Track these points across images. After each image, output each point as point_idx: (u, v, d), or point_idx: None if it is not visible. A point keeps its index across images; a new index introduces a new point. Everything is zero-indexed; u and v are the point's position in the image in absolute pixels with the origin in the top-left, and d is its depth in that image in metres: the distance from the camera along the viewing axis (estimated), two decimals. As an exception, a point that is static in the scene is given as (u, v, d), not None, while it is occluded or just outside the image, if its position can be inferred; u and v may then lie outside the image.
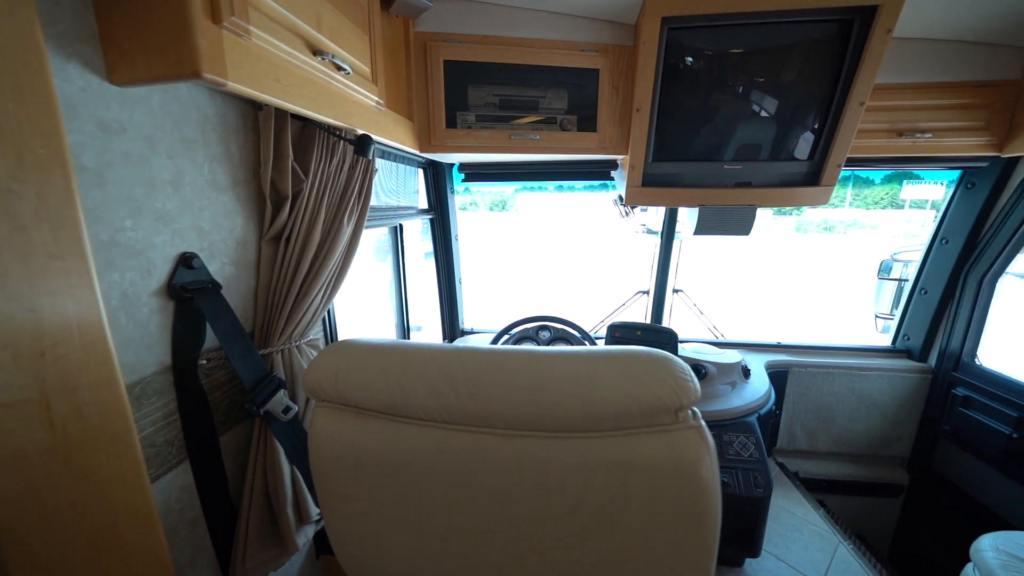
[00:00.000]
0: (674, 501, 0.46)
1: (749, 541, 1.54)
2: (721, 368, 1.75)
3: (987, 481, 1.78)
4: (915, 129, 1.59)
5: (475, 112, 1.53)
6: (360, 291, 1.98)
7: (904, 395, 2.07)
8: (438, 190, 2.17)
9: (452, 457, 0.50)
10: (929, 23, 1.48)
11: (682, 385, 0.48)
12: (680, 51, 1.43)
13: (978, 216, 1.83)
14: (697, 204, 1.62)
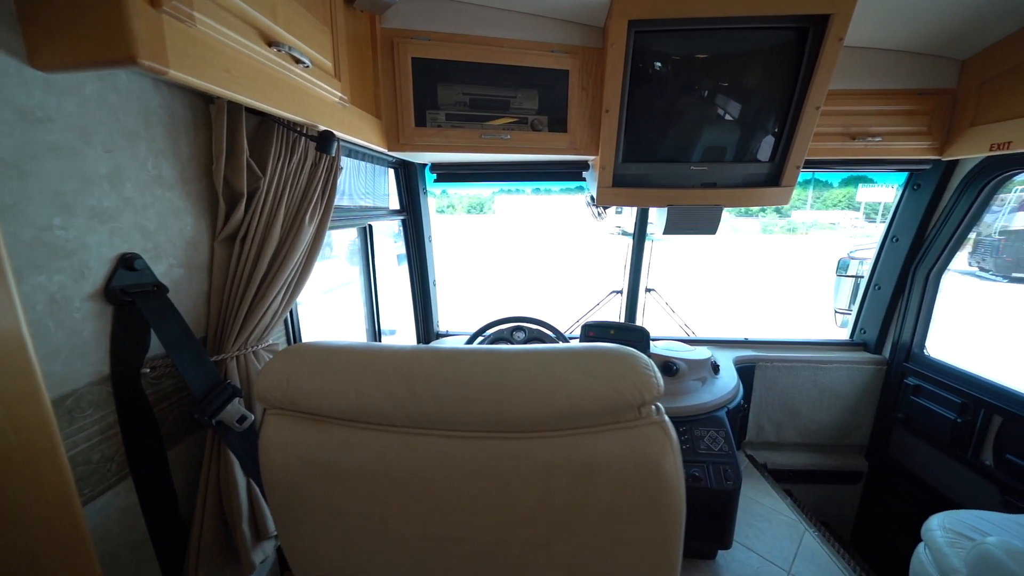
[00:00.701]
0: (638, 498, 0.46)
1: (721, 533, 1.57)
2: (691, 364, 1.79)
3: (937, 464, 1.89)
4: (866, 133, 1.68)
5: (445, 111, 1.51)
6: (337, 295, 1.92)
7: (862, 386, 2.18)
8: (410, 191, 2.13)
9: (412, 462, 0.48)
10: (876, 34, 1.56)
11: (644, 381, 0.47)
12: (647, 54, 1.46)
13: (923, 215, 1.94)
14: (665, 204, 1.65)
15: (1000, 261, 8.77)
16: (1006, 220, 8.70)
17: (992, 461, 1.67)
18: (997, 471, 1.65)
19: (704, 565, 1.63)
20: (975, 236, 9.61)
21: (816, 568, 1.62)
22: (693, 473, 1.53)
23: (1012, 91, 1.45)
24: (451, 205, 32.10)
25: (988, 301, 7.98)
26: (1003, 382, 1.69)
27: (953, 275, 2.03)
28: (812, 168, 1.82)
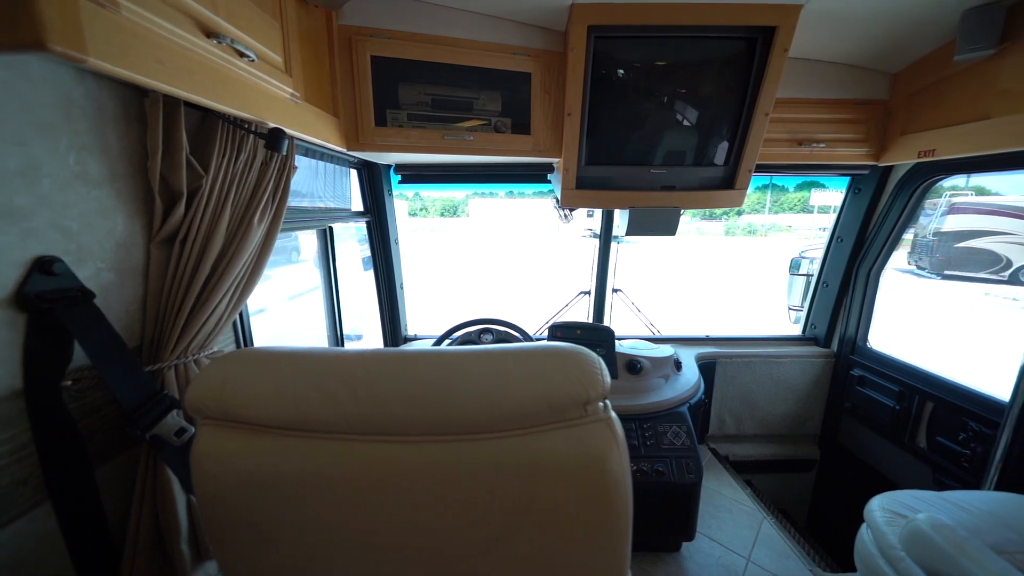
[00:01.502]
0: (583, 497, 0.46)
1: (684, 525, 1.62)
2: (655, 362, 1.84)
3: (879, 449, 2.03)
4: (812, 139, 1.78)
5: (407, 111, 1.49)
6: (304, 301, 1.84)
7: (813, 378, 2.30)
8: (374, 192, 2.09)
9: (355, 470, 0.46)
10: (818, 47, 1.66)
11: (590, 378, 0.48)
12: (608, 60, 1.49)
13: (864, 217, 2.08)
14: (627, 206, 1.69)
15: (934, 260, 9.53)
16: (938, 223, 9.47)
17: (926, 444, 1.81)
18: (930, 453, 1.78)
19: (669, 558, 1.67)
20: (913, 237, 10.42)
21: (773, 553, 1.69)
22: (657, 468, 1.56)
23: (934, 103, 1.58)
24: (424, 208, 31.76)
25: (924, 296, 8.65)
26: (934, 370, 1.83)
27: (895, 273, 2.19)
28: (763, 172, 1.91)
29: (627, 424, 1.67)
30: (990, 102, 1.40)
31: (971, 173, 1.71)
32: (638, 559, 1.65)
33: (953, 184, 10.05)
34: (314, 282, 1.88)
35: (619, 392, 1.75)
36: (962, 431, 1.66)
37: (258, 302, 5.13)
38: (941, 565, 0.98)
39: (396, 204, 2.18)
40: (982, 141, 1.41)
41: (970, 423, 1.63)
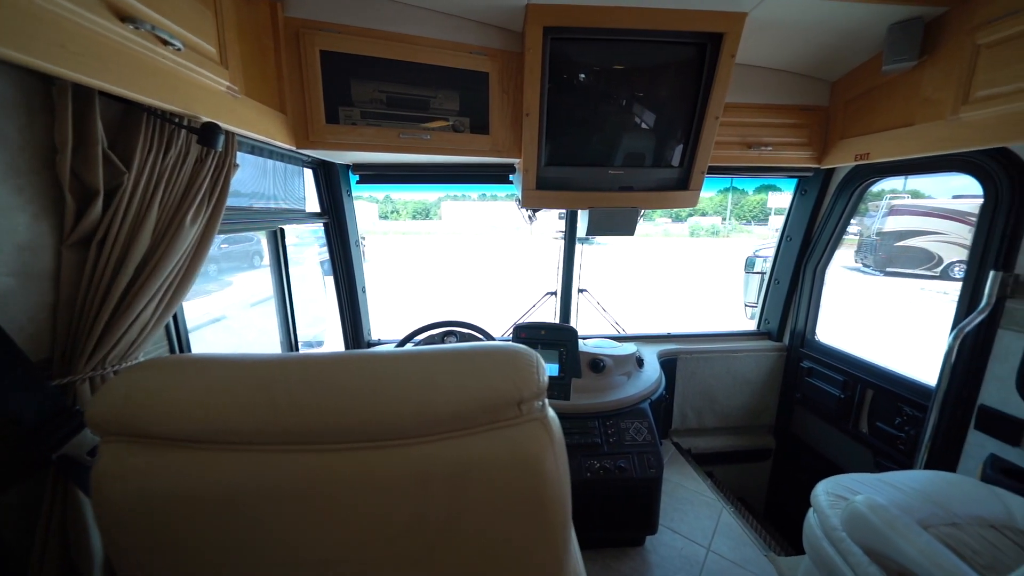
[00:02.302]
0: (517, 499, 0.45)
1: (647, 519, 1.65)
2: (617, 360, 1.87)
3: (827, 436, 2.14)
4: (760, 143, 1.87)
5: (360, 108, 1.44)
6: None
7: (768, 371, 2.41)
8: (331, 192, 2.01)
9: (276, 484, 0.43)
10: (764, 54, 1.74)
11: (524, 376, 0.47)
12: (565, 62, 1.51)
13: (810, 217, 2.20)
14: (587, 206, 1.71)
15: (878, 258, 10.25)
16: (880, 223, 10.19)
17: (867, 429, 1.92)
18: (871, 437, 1.90)
19: (633, 552, 1.69)
20: (859, 237, 11.17)
21: (732, 542, 1.75)
22: (620, 465, 1.59)
23: (868, 110, 1.69)
24: (395, 211, 31.19)
25: (869, 292, 9.27)
26: (874, 360, 1.95)
27: (844, 271, 2.31)
28: (716, 174, 1.98)
29: (590, 422, 1.68)
30: (914, 109, 1.51)
31: (900, 175, 1.84)
32: (603, 555, 1.67)
33: (893, 188, 10.86)
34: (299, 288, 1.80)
35: (583, 391, 1.77)
36: (898, 416, 1.77)
37: (217, 310, 4.86)
38: (876, 542, 1.04)
39: (365, 207, 2.13)
40: (908, 145, 1.52)
41: (904, 408, 1.75)
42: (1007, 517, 1.17)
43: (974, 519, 1.17)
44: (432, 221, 29.66)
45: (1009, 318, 1.42)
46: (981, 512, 1.18)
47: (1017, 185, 1.39)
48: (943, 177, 1.76)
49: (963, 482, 1.31)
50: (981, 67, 1.29)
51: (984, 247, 1.48)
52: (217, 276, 6.25)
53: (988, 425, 1.47)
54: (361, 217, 2.32)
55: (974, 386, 1.51)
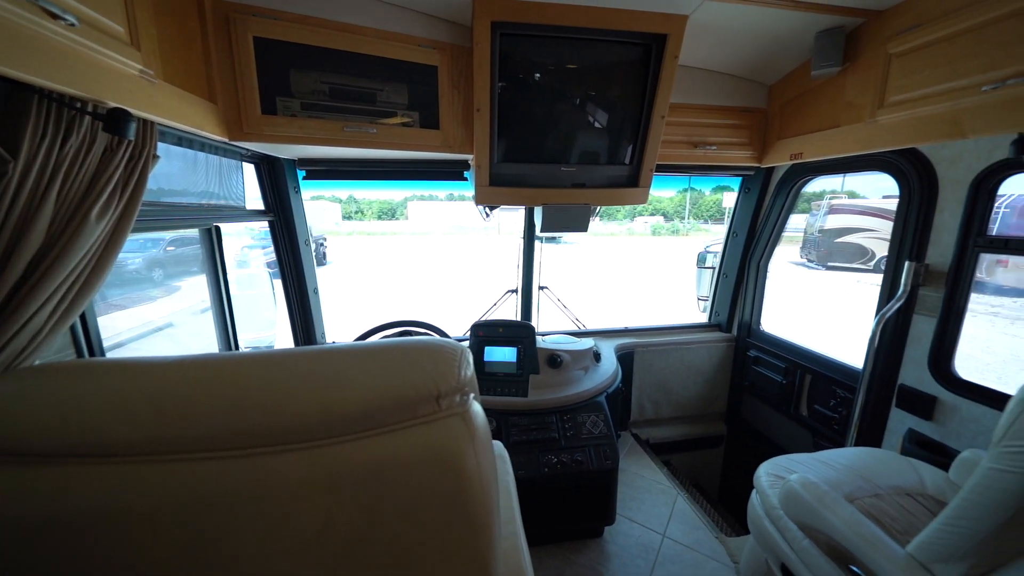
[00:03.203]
0: (436, 497, 0.44)
1: (604, 510, 1.68)
2: (575, 355, 1.89)
3: (772, 421, 2.27)
4: (706, 142, 1.94)
5: (300, 99, 1.38)
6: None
7: (719, 361, 2.52)
8: (277, 189, 1.91)
9: (161, 496, 0.39)
10: (707, 57, 1.82)
11: (442, 371, 0.45)
12: (517, 60, 1.51)
13: (753, 213, 2.32)
14: (540, 203, 1.72)
15: (820, 254, 11.03)
16: (822, 221, 10.97)
17: (807, 412, 2.05)
18: (810, 420, 2.03)
19: (592, 543, 1.72)
20: (803, 235, 11.96)
21: (686, 526, 1.82)
22: (576, 458, 1.60)
23: (800, 113, 1.80)
24: (360, 211, 30.27)
25: (811, 285, 9.96)
26: (812, 347, 2.08)
27: (788, 266, 2.45)
28: (665, 172, 2.05)
29: (548, 417, 1.69)
30: (839, 112, 1.62)
31: (831, 174, 1.98)
32: (563, 549, 1.68)
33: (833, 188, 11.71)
34: (247, 290, 1.68)
35: (541, 386, 1.78)
36: (832, 398, 1.90)
37: (163, 318, 4.50)
38: (808, 517, 1.11)
39: (328, 207, 2.02)
40: (834, 145, 1.63)
41: (837, 391, 1.88)
42: (920, 485, 1.28)
43: (893, 489, 1.27)
44: (399, 221, 29.08)
45: (922, 304, 1.56)
46: (899, 482, 1.29)
47: (926, 183, 1.52)
48: (874, 177, 1.90)
49: (885, 456, 1.42)
50: (893, 74, 1.41)
51: (900, 240, 1.61)
52: (164, 281, 5.79)
53: (907, 403, 1.61)
54: (324, 218, 2.22)
55: (895, 367, 1.64)
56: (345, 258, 15.05)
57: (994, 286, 7.14)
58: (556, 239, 20.74)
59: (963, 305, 1.47)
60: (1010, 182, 1.39)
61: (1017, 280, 6.91)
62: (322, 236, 14.31)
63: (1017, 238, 1.36)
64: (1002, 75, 1.12)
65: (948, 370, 1.50)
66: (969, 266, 1.45)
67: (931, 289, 1.53)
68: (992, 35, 1.14)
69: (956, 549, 0.82)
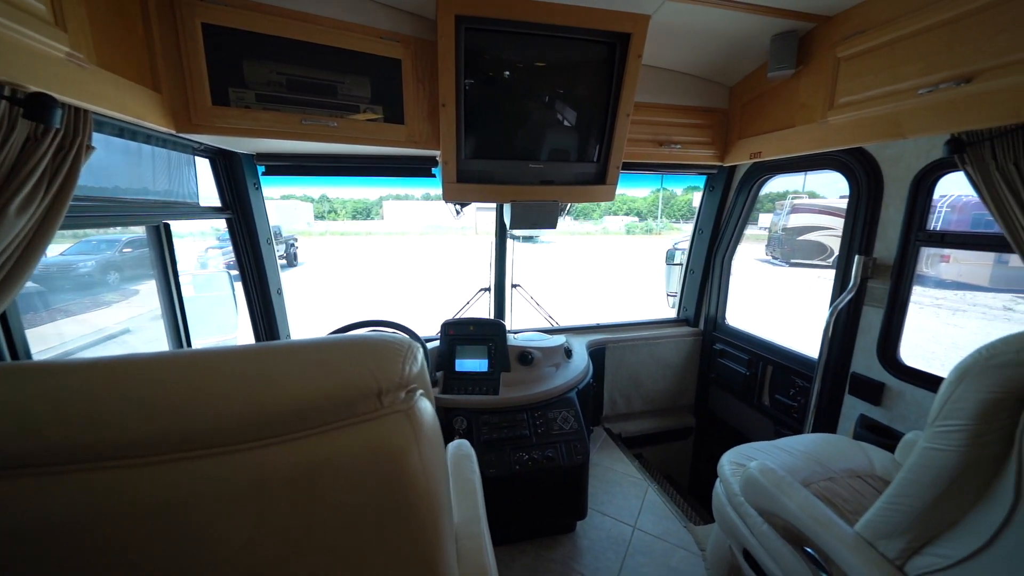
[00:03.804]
0: (377, 501, 0.42)
1: (576, 505, 1.69)
2: (546, 352, 1.89)
3: (737, 411, 2.35)
4: (671, 141, 1.99)
5: (255, 90, 1.32)
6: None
7: (687, 355, 2.58)
8: (235, 185, 1.82)
9: (57, 514, 0.35)
10: (670, 57, 1.86)
11: (385, 366, 0.43)
12: (483, 56, 1.49)
13: (717, 211, 2.39)
14: (508, 200, 1.71)
15: (784, 251, 11.55)
16: (785, 220, 11.47)
17: (768, 401, 2.13)
18: (772, 409, 2.11)
19: (564, 538, 1.72)
20: (768, 233, 12.48)
21: (656, 517, 1.85)
22: (547, 455, 1.61)
23: (759, 113, 1.87)
24: (333, 210, 29.50)
25: (775, 281, 10.40)
26: (772, 340, 2.17)
27: (755, 262, 2.54)
28: (632, 170, 2.08)
29: (519, 415, 1.69)
30: (794, 113, 1.68)
31: (788, 173, 2.06)
32: (535, 546, 1.68)
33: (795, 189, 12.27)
34: (189, 293, 1.58)
35: (512, 384, 1.77)
36: (792, 388, 1.98)
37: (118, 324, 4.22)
38: (766, 502, 1.14)
39: (300, 207, 1.94)
40: (790, 145, 1.70)
41: (796, 380, 1.96)
42: (870, 467, 1.35)
43: (846, 472, 1.33)
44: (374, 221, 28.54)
45: (870, 295, 1.64)
46: (851, 465, 1.35)
47: (872, 181, 1.60)
48: (832, 178, 1.98)
49: (839, 441, 1.49)
50: (842, 77, 1.48)
51: (851, 235, 1.70)
52: (120, 285, 5.45)
53: (858, 389, 1.69)
54: (295, 217, 2.14)
55: (847, 357, 1.72)
56: (318, 259, 14.65)
57: (937, 280, 7.66)
58: (533, 239, 20.86)
59: (907, 296, 1.56)
60: (947, 180, 1.49)
61: (958, 274, 7.44)
62: (293, 236, 13.87)
63: (952, 233, 1.45)
64: (935, 79, 1.19)
65: (894, 357, 1.59)
66: (911, 259, 1.53)
67: (878, 281, 1.62)
68: (926, 42, 1.22)
69: (897, 525, 0.87)
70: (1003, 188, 1.17)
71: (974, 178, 1.23)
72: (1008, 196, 1.16)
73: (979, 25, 1.11)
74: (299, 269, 12.67)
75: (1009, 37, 1.05)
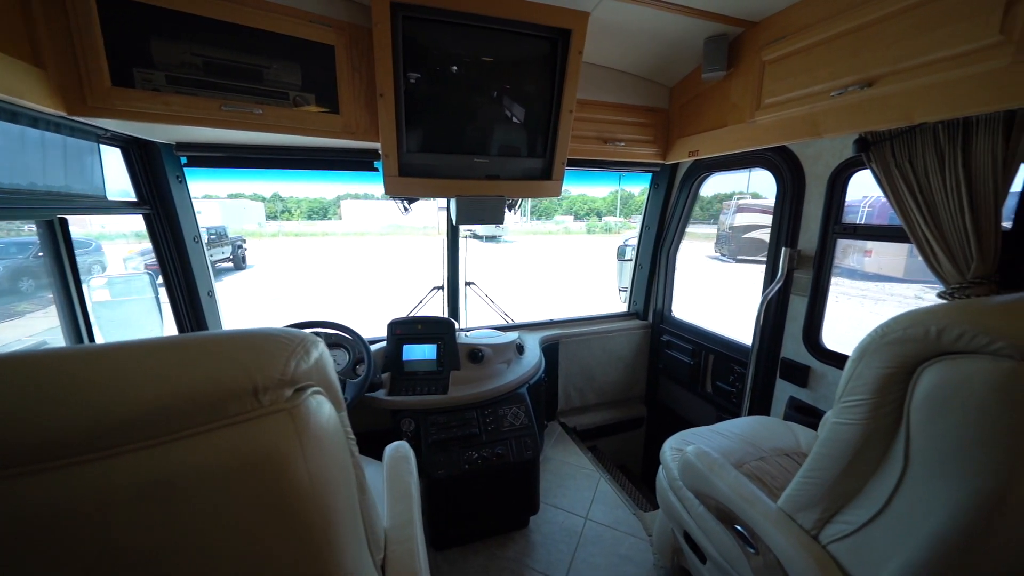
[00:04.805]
0: (252, 512, 0.38)
1: (528, 500, 1.69)
2: (497, 349, 1.88)
3: (684, 399, 2.45)
4: (615, 138, 2.03)
5: (166, 72, 1.20)
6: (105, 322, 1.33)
7: (637, 347, 2.66)
8: (153, 178, 1.66)
9: None
10: (612, 56, 1.90)
11: (263, 362, 0.39)
12: (424, 46, 1.45)
13: (662, 207, 2.48)
14: (453, 195, 1.68)
15: (731, 249, 12.25)
16: (732, 219, 12.19)
17: (711, 389, 2.24)
18: (713, 395, 2.22)
19: (517, 535, 1.72)
20: (717, 231, 13.20)
21: (607, 507, 1.89)
22: (497, 452, 1.59)
23: (696, 113, 1.95)
24: (287, 210, 28.03)
25: (723, 276, 11.03)
26: (713, 330, 2.28)
27: (706, 259, 2.63)
28: (578, 167, 2.11)
29: (468, 413, 1.66)
30: (726, 113, 1.77)
31: (724, 171, 2.17)
32: (487, 544, 1.67)
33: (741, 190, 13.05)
34: (104, 297, 1.41)
35: (462, 382, 1.74)
36: (731, 374, 2.09)
37: (32, 335, 3.77)
38: (701, 485, 1.19)
39: (248, 205, 1.77)
40: (723, 144, 1.78)
41: (735, 367, 2.07)
42: (797, 445, 1.44)
43: (775, 451, 1.41)
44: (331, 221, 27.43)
45: (796, 285, 1.76)
46: (780, 444, 1.44)
47: (796, 177, 1.71)
48: (754, 171, 2.10)
49: (771, 422, 1.58)
50: (767, 79, 1.56)
51: (778, 229, 1.81)
52: (35, 293, 4.87)
53: (788, 373, 1.81)
54: (243, 217, 1.98)
55: (777, 343, 1.84)
56: (269, 261, 13.87)
57: (863, 273, 8.44)
58: (496, 238, 20.85)
59: (827, 284, 1.68)
60: (858, 177, 1.62)
61: (879, 267, 8.23)
62: (240, 237, 13.03)
63: (863, 225, 1.59)
64: (844, 83, 1.29)
65: (817, 342, 1.72)
66: (830, 250, 1.66)
67: (803, 272, 1.73)
68: (837, 48, 1.31)
69: (812, 497, 0.93)
70: (901, 184, 1.29)
71: (878, 175, 1.34)
72: (905, 191, 1.28)
73: (878, 35, 1.21)
74: (248, 272, 11.93)
75: (901, 47, 1.16)
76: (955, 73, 1.06)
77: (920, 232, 1.26)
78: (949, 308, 0.71)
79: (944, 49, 1.07)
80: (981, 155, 1.13)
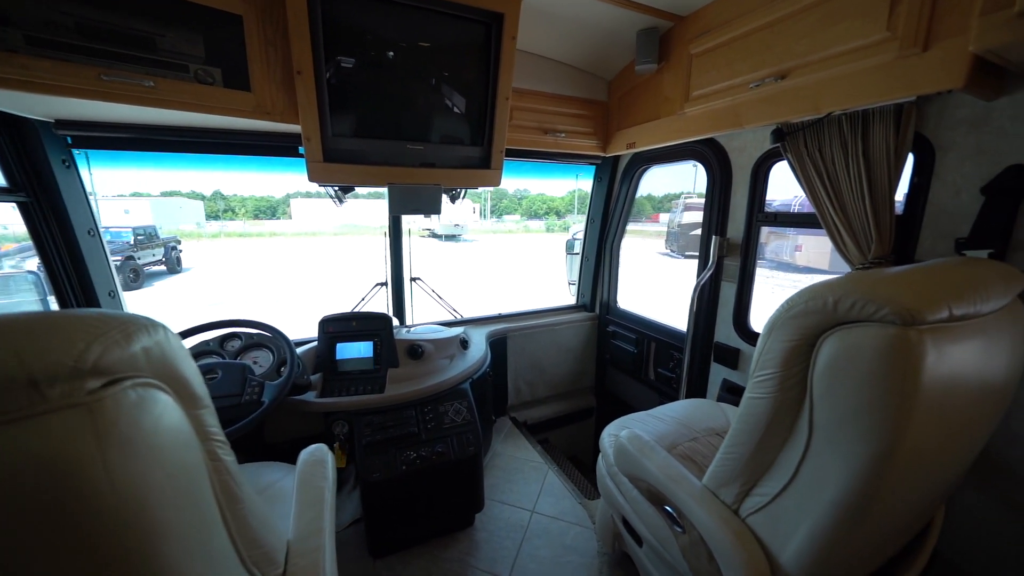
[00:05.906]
0: (32, 529, 0.30)
1: (472, 498, 1.64)
2: (439, 344, 1.81)
3: (629, 387, 2.50)
4: (555, 129, 2.02)
5: (25, 31, 1.03)
6: None
7: (586, 338, 2.69)
8: (30, 161, 1.44)
9: None
10: (549, 46, 1.88)
11: (43, 347, 0.32)
12: (346, 22, 1.35)
13: (605, 200, 2.52)
14: (384, 183, 1.59)
15: (679, 245, 12.86)
16: (679, 217, 12.79)
17: (653, 376, 2.30)
18: (655, 382, 2.28)
19: (462, 535, 1.66)
20: (667, 228, 13.81)
21: (553, 499, 1.88)
22: (438, 450, 1.53)
23: (632, 105, 1.98)
24: (230, 209, 26.20)
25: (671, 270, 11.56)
26: (654, 318, 2.34)
27: (656, 255, 2.68)
28: (518, 157, 2.08)
29: (406, 411, 1.59)
30: (659, 106, 1.81)
31: (660, 164, 2.22)
32: (429, 547, 1.60)
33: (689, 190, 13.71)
34: None
35: (400, 380, 1.66)
36: (670, 360, 2.16)
37: None
38: (634, 468, 1.20)
39: (186, 204, 1.54)
40: (656, 136, 1.82)
41: (673, 353, 2.13)
42: (726, 425, 1.49)
43: (707, 431, 1.46)
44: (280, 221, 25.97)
45: (726, 272, 1.83)
46: (712, 425, 1.49)
47: (724, 169, 1.78)
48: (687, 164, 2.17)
49: (704, 404, 1.64)
50: (694, 72, 1.61)
51: (710, 218, 1.88)
52: None
53: (720, 357, 1.88)
54: (179, 217, 1.76)
55: (711, 328, 1.91)
56: (208, 264, 12.84)
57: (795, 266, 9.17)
58: (456, 237, 20.57)
59: (753, 270, 1.77)
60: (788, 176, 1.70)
61: (808, 260, 8.98)
62: (175, 238, 12.00)
63: (782, 213, 1.68)
64: (761, 75, 1.34)
65: (746, 325, 1.80)
66: (755, 237, 1.74)
67: (732, 259, 1.81)
68: (754, 42, 1.37)
69: (731, 473, 0.95)
70: (812, 172, 1.36)
71: (793, 164, 1.42)
72: (816, 179, 1.36)
73: (789, 29, 1.27)
74: (183, 276, 10.99)
75: (809, 41, 1.22)
76: (853, 66, 1.13)
77: (829, 217, 1.35)
78: (845, 280, 0.75)
79: (844, 43, 1.14)
80: (878, 145, 1.21)
